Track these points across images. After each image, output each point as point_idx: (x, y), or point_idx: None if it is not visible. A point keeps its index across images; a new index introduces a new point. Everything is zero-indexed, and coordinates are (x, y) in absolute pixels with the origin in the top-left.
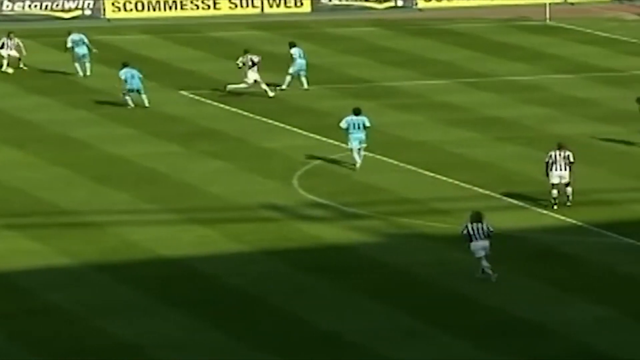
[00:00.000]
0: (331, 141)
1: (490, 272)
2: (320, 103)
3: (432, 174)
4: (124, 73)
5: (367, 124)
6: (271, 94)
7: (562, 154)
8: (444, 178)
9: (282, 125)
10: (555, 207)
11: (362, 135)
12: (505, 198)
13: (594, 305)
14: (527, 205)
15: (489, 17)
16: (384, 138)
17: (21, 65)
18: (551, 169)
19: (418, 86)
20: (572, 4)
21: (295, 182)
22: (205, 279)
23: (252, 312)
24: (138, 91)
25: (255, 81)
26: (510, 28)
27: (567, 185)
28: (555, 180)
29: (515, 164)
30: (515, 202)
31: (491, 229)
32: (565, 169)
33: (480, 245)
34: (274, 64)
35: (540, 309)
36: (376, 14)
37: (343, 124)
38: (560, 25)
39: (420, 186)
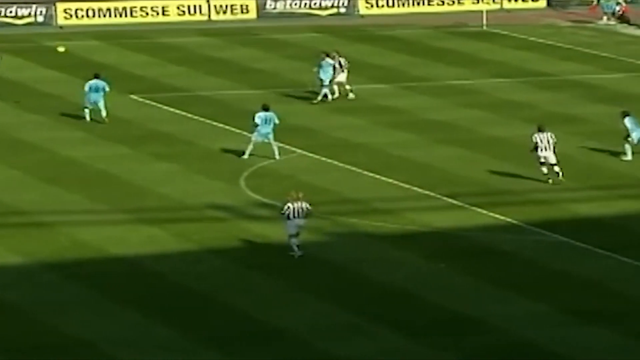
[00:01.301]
0: (277, 143)
1: (296, 248)
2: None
3: (373, 175)
4: (88, 85)
5: (276, 121)
6: (351, 95)
7: (546, 135)
8: (385, 179)
9: (228, 127)
10: (550, 181)
11: (268, 130)
12: (444, 198)
13: (529, 302)
14: (465, 205)
15: (428, 24)
16: (328, 140)
17: None
18: (538, 150)
19: (360, 90)
20: (508, 10)
21: (242, 182)
22: (154, 277)
23: (200, 309)
24: (96, 103)
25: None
26: (449, 34)
27: (553, 165)
28: (542, 160)
29: (453, 165)
30: (454, 201)
31: (309, 209)
32: (550, 149)
33: (296, 223)
34: (220, 68)
35: (478, 305)
36: (320, 20)
37: (257, 120)
38: (497, 31)
39: (362, 186)
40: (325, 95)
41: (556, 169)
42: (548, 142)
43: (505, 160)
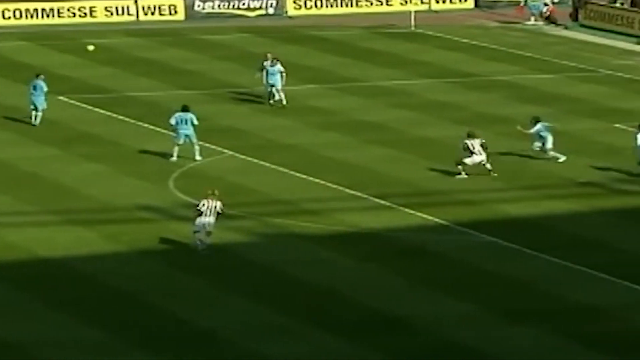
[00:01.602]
0: (206, 144)
1: (199, 243)
2: (194, 107)
3: (302, 176)
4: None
5: (195, 122)
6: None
7: (476, 141)
8: (314, 179)
9: (157, 129)
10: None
11: (187, 131)
12: (373, 198)
13: (459, 302)
14: (394, 206)
15: (356, 25)
16: (257, 141)
17: None
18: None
19: (289, 91)
20: (436, 11)
21: (170, 183)
22: (83, 278)
23: (130, 311)
24: (35, 106)
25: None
26: (377, 35)
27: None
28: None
29: (383, 165)
30: (383, 202)
31: (222, 209)
32: (482, 154)
33: (205, 221)
34: (149, 68)
35: (408, 305)
36: (248, 21)
37: (172, 120)
38: (425, 32)
39: (291, 187)
40: (278, 99)
41: (488, 166)
42: (481, 146)
43: (435, 160)
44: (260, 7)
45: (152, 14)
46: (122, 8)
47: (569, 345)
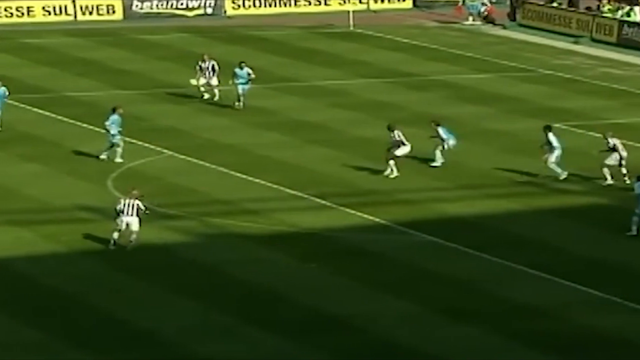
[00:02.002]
0: (145, 144)
1: (113, 242)
2: (133, 107)
3: (242, 176)
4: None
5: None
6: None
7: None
8: (254, 179)
9: (96, 129)
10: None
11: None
12: (313, 198)
13: (399, 301)
14: (334, 205)
15: (295, 25)
16: (196, 141)
17: None
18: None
19: (229, 91)
20: (374, 11)
21: (109, 183)
22: (23, 279)
23: (70, 311)
24: None
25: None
26: (316, 35)
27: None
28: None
29: (322, 165)
30: (323, 202)
31: (143, 207)
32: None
33: (125, 220)
34: (87, 68)
35: (348, 305)
36: (187, 21)
37: (109, 122)
38: (364, 32)
39: (231, 187)
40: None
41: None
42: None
43: (374, 160)
44: (199, 7)
45: (90, 13)
46: (60, 7)
47: (508, 344)
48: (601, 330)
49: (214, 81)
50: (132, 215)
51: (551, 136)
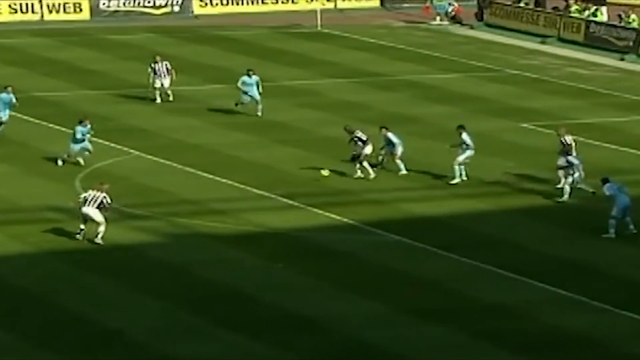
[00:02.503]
0: (112, 145)
1: (79, 233)
2: (100, 108)
3: (209, 176)
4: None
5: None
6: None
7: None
8: (222, 179)
9: (63, 129)
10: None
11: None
12: (281, 198)
13: (367, 301)
14: (302, 205)
15: (263, 24)
16: (163, 141)
17: None
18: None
19: (196, 91)
20: (341, 11)
21: (77, 184)
22: None
23: (38, 312)
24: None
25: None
26: (284, 35)
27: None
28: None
29: (291, 165)
30: (291, 202)
31: (109, 201)
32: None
33: (84, 210)
34: (54, 68)
35: (316, 305)
36: (154, 21)
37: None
38: (331, 32)
39: (198, 187)
40: (242, 103)
41: (365, 164)
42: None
43: (342, 160)
44: (166, 5)
45: (57, 12)
46: (27, 6)
47: (476, 344)
48: (569, 330)
49: (167, 82)
50: (92, 206)
51: (465, 136)
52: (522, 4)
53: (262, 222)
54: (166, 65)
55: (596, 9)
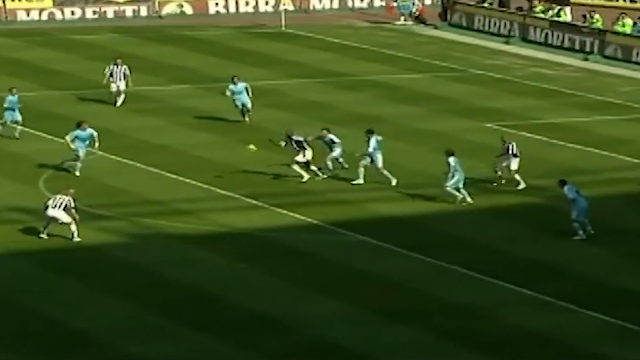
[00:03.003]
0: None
1: (44, 233)
2: (64, 108)
3: (174, 176)
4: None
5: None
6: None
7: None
8: (186, 180)
9: (27, 129)
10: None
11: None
12: (245, 199)
13: (331, 301)
14: (266, 206)
15: (227, 24)
16: (128, 141)
17: None
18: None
19: (161, 92)
20: (305, 11)
21: (41, 185)
22: None
23: (2, 312)
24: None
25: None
26: (248, 35)
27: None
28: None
29: (254, 166)
30: (255, 202)
31: (72, 205)
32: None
33: (51, 213)
34: (18, 68)
35: (280, 305)
36: (119, 21)
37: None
38: (296, 32)
39: (163, 188)
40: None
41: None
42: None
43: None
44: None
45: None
46: None
47: (441, 343)
48: (534, 330)
49: (122, 86)
50: (57, 208)
51: (373, 141)
52: (485, 4)
53: (226, 222)
54: (124, 69)
55: (560, 9)
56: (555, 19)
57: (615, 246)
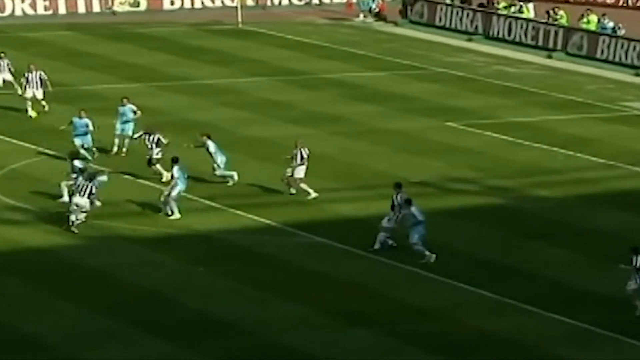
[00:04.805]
0: (28, 145)
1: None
2: (17, 107)
3: (129, 177)
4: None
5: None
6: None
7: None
8: (142, 181)
9: None
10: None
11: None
12: (201, 200)
13: (289, 304)
14: (223, 207)
15: (182, 21)
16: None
17: None
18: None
19: (114, 90)
20: (263, 7)
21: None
22: None
23: None
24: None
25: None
26: (204, 32)
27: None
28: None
29: (210, 166)
30: (212, 204)
31: (94, 192)
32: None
33: (76, 201)
34: None
35: (236, 308)
36: (74, 17)
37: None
38: (253, 29)
39: (118, 189)
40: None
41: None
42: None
43: (265, 161)
44: None
45: None
46: None
47: (401, 346)
48: (495, 332)
49: (39, 94)
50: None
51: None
52: (447, 1)
53: (183, 224)
54: (40, 75)
55: (521, 6)
56: (518, 15)
57: (580, 247)
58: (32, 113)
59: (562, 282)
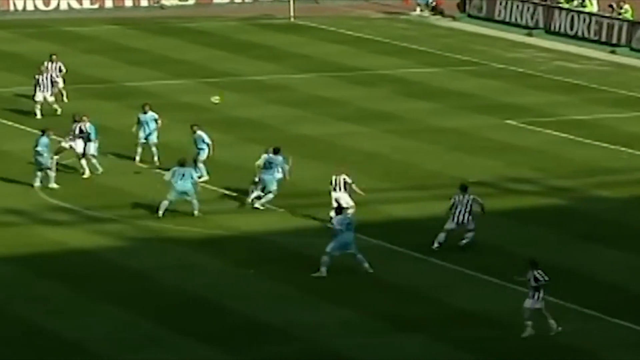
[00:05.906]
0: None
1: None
2: (68, 105)
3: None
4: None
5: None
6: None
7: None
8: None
9: (20, 126)
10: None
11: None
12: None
13: (338, 308)
14: (272, 208)
15: (232, 15)
16: (126, 140)
17: None
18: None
19: (162, 86)
20: (317, 2)
21: (36, 185)
22: None
23: None
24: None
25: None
26: (254, 26)
27: None
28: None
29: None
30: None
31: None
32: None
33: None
34: (7, 62)
35: (285, 312)
36: (121, 12)
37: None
38: (306, 23)
39: (163, 188)
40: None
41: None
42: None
43: (316, 159)
44: None
45: None
46: None
47: (457, 354)
48: (553, 337)
49: (50, 96)
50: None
51: (204, 136)
52: None
53: (232, 225)
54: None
55: (584, 0)
56: (581, 9)
57: None
58: (39, 114)
59: (622, 286)
